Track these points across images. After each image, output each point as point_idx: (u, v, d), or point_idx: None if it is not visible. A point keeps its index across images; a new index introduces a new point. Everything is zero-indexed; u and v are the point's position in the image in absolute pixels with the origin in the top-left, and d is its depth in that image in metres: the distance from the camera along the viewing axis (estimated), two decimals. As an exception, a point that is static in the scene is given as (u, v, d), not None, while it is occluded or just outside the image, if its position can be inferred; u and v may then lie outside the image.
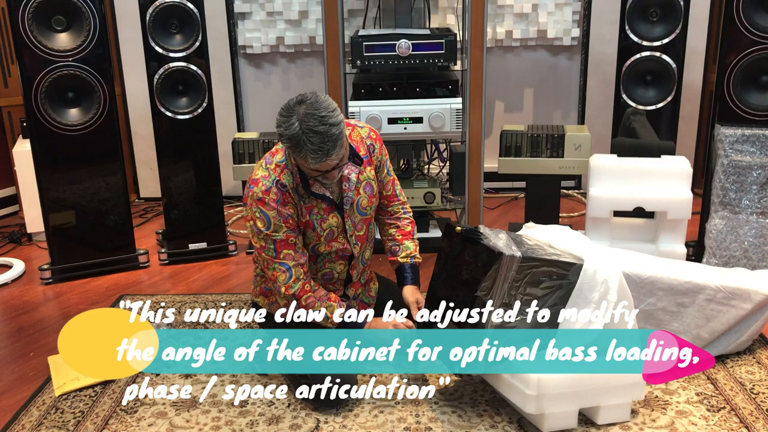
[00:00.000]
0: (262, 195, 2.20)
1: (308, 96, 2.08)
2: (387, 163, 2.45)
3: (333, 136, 2.04)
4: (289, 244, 2.24)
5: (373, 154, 2.39)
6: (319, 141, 2.03)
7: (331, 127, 2.04)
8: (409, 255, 2.49)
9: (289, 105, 2.08)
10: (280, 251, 2.23)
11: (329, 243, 2.32)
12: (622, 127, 3.44)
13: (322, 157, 2.05)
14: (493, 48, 4.26)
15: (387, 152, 2.46)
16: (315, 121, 2.03)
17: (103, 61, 3.21)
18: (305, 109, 2.05)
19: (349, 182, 2.30)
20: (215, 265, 3.55)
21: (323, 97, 2.09)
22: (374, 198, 2.39)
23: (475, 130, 3.43)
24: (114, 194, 3.38)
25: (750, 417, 2.21)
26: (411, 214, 2.56)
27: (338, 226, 2.31)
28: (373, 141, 2.39)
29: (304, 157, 2.06)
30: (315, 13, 4.16)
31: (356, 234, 2.37)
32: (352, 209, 2.33)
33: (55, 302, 3.18)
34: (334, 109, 2.07)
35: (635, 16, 3.30)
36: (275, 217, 2.20)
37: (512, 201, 4.35)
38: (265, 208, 2.20)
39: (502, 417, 2.23)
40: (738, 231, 3.11)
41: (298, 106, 2.06)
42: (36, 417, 2.32)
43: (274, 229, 2.21)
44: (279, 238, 2.22)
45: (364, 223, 2.38)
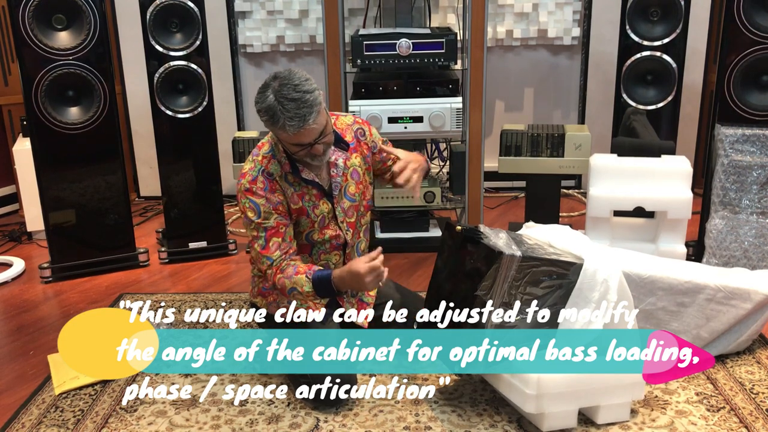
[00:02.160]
0: (249, 185, 2.23)
1: (282, 71, 2.12)
2: (379, 139, 2.49)
3: (308, 101, 2.06)
4: (279, 232, 2.25)
5: (363, 137, 2.41)
6: (294, 107, 2.05)
7: (305, 94, 2.06)
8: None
9: (265, 82, 2.12)
10: (270, 239, 2.25)
11: (322, 230, 2.34)
12: (623, 126, 3.44)
13: (300, 123, 2.06)
14: (494, 47, 4.26)
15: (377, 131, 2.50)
16: (289, 89, 2.06)
17: (104, 59, 3.21)
18: (279, 82, 2.08)
19: (336, 167, 2.32)
20: (215, 264, 3.55)
21: (296, 69, 2.12)
22: (361, 185, 2.40)
23: (475, 129, 3.43)
24: (114, 193, 3.38)
25: (750, 417, 2.21)
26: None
27: (329, 212, 2.33)
28: (360, 125, 2.42)
29: (283, 126, 2.07)
30: (315, 12, 4.16)
31: (347, 221, 2.38)
32: (341, 195, 2.35)
33: (55, 301, 3.18)
34: (307, 79, 2.09)
35: (636, 15, 3.29)
36: (264, 205, 2.23)
37: (512, 200, 4.35)
38: (254, 197, 2.23)
39: (501, 416, 2.23)
40: (738, 231, 3.11)
41: (273, 81, 2.10)
42: (36, 415, 2.32)
43: (264, 217, 2.23)
44: (270, 225, 2.24)
45: (353, 209, 2.39)
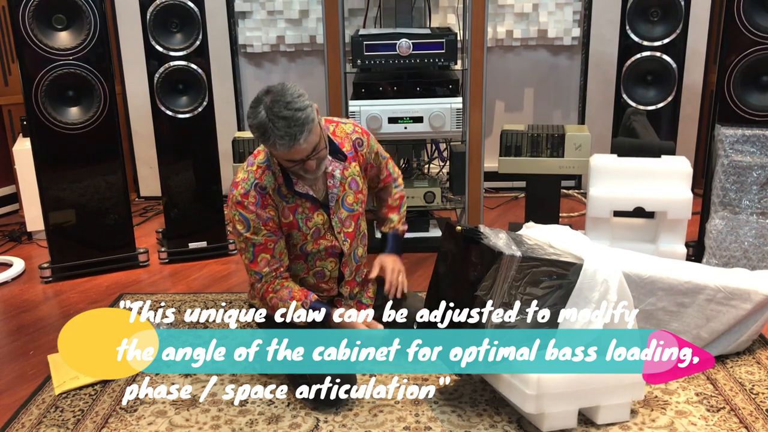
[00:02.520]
0: (240, 198, 2.21)
1: (275, 86, 2.08)
2: (379, 149, 2.48)
3: (299, 120, 2.03)
4: (268, 249, 2.25)
5: (361, 147, 2.39)
6: (285, 126, 2.02)
7: (296, 112, 2.03)
8: (391, 228, 2.55)
9: (258, 96, 2.08)
10: (258, 254, 2.25)
11: (316, 241, 2.32)
12: (623, 127, 3.44)
13: (290, 142, 2.04)
14: (494, 48, 4.26)
15: (376, 140, 2.48)
16: (280, 106, 2.03)
17: (104, 59, 3.21)
18: (271, 98, 2.05)
19: (333, 179, 2.30)
20: (215, 264, 3.55)
21: (290, 84, 2.09)
22: (360, 194, 2.39)
23: (475, 129, 3.43)
24: (114, 193, 3.38)
25: (749, 417, 2.21)
26: (402, 187, 2.60)
27: (324, 223, 2.32)
28: (359, 135, 2.39)
29: (273, 144, 2.06)
30: (315, 12, 4.16)
31: (344, 231, 2.36)
32: (338, 205, 2.33)
33: (55, 301, 3.18)
34: (300, 95, 2.06)
35: (636, 16, 3.29)
36: (254, 220, 2.22)
37: (512, 201, 4.35)
38: (244, 211, 2.21)
39: (501, 416, 2.23)
40: (738, 231, 3.11)
41: (265, 96, 2.07)
42: (36, 415, 2.32)
43: (253, 232, 2.23)
44: (258, 241, 2.24)
45: (351, 219, 2.37)
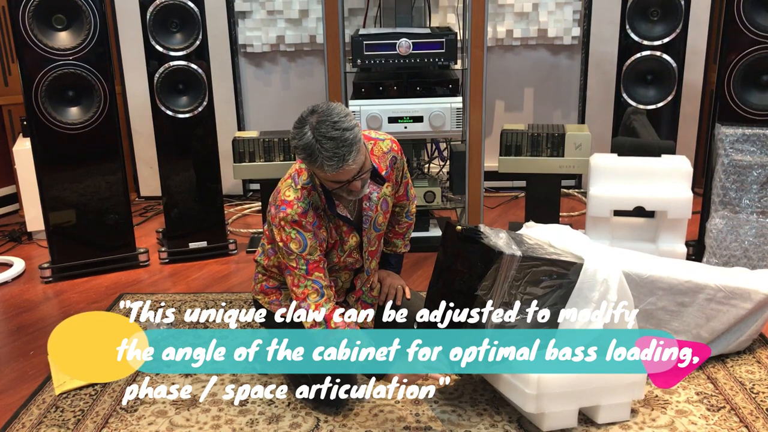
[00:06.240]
0: (298, 218, 2.13)
1: (320, 105, 2.03)
2: (405, 166, 2.44)
3: (347, 140, 1.98)
4: (321, 268, 2.19)
5: (394, 165, 2.35)
6: (333, 146, 1.97)
7: (344, 132, 1.97)
8: (393, 250, 2.56)
9: (302, 116, 2.03)
10: (312, 272, 2.18)
11: (344, 259, 2.32)
12: (623, 126, 3.44)
13: (338, 163, 1.98)
14: (494, 47, 4.26)
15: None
16: (327, 126, 1.97)
17: (104, 59, 3.21)
18: (317, 117, 1.99)
19: (370, 201, 2.28)
20: (215, 264, 3.55)
21: (335, 104, 2.04)
22: (388, 213, 2.38)
23: (475, 129, 3.43)
24: (114, 193, 3.38)
25: (750, 416, 2.21)
26: (413, 217, 2.56)
27: (356, 244, 2.30)
28: (395, 152, 2.34)
29: (321, 166, 2.00)
30: (315, 12, 4.16)
31: (369, 249, 2.36)
32: (370, 227, 2.31)
33: (55, 301, 3.18)
34: (347, 114, 2.01)
35: (636, 15, 3.29)
36: (312, 239, 2.15)
37: (512, 200, 4.35)
38: (302, 231, 2.14)
39: (501, 416, 2.23)
40: (738, 230, 3.11)
41: (311, 116, 2.01)
42: (36, 415, 2.32)
43: (309, 252, 2.16)
44: (313, 259, 2.17)
45: (377, 239, 2.37)
